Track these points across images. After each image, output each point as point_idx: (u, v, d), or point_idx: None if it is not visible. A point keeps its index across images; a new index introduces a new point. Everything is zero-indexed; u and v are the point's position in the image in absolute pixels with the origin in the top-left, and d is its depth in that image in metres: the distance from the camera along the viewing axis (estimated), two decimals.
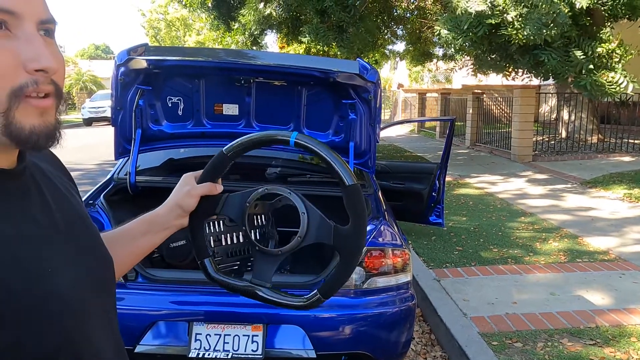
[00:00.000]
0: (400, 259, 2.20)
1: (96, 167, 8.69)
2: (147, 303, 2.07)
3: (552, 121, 11.98)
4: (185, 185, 0.88)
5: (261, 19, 9.21)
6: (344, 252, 0.89)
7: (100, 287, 0.64)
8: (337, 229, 0.89)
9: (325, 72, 2.37)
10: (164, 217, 0.87)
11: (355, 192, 0.86)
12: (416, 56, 13.19)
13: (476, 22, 6.02)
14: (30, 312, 0.52)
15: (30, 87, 0.53)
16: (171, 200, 0.88)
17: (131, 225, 0.87)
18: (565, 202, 6.05)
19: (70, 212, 0.65)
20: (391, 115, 23.65)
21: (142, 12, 33.80)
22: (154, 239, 0.87)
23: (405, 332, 2.18)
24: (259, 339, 2.04)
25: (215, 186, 0.89)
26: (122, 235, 0.86)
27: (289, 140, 0.88)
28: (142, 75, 2.38)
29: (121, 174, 2.66)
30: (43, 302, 0.54)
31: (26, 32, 0.53)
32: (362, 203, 0.87)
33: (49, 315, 0.54)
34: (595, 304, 3.16)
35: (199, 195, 0.87)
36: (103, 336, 0.62)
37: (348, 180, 0.86)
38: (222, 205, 0.92)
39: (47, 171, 0.67)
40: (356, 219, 0.87)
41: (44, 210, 0.60)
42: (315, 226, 0.90)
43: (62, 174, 0.72)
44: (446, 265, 3.88)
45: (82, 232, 0.65)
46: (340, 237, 0.88)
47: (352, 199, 0.87)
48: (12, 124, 0.52)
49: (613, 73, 6.11)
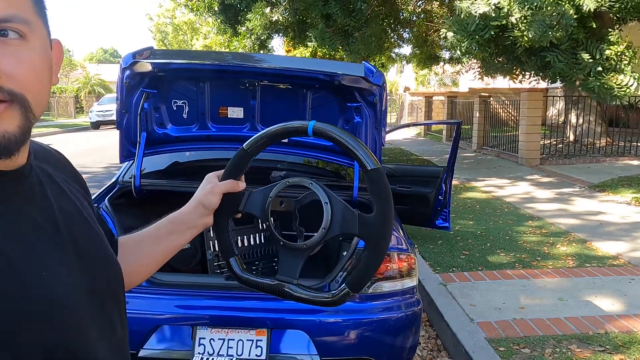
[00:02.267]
0: (406, 264, 2.18)
1: (103, 170, 8.73)
2: (151, 307, 2.06)
3: (560, 124, 11.91)
4: (207, 184, 0.88)
5: (268, 24, 9.24)
6: (371, 240, 0.84)
7: (102, 293, 0.63)
8: (363, 217, 0.85)
9: (330, 75, 2.36)
10: (188, 216, 0.87)
11: (378, 175, 0.82)
12: (422, 59, 13.15)
13: (482, 25, 5.99)
14: (24, 316, 0.52)
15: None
16: (194, 199, 0.88)
17: (156, 225, 0.87)
18: (573, 206, 5.99)
19: (76, 218, 0.64)
20: (397, 118, 23.62)
21: (149, 16, 34.06)
22: (179, 239, 0.87)
23: (411, 337, 2.16)
24: (263, 343, 2.02)
25: (238, 183, 0.89)
26: (148, 236, 0.86)
27: (306, 130, 0.86)
28: (147, 79, 2.38)
29: (126, 177, 2.66)
30: (38, 306, 0.53)
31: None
32: (386, 187, 0.82)
33: (44, 319, 0.53)
34: (605, 310, 3.12)
35: (221, 193, 0.87)
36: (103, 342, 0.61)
37: (370, 164, 0.82)
38: (245, 202, 0.91)
39: (54, 175, 0.66)
40: (381, 205, 0.82)
41: (46, 213, 0.60)
42: (339, 216, 0.87)
43: (71, 178, 0.71)
44: (453, 270, 3.84)
45: (85, 237, 0.64)
46: (366, 226, 0.84)
47: (375, 184, 0.82)
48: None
49: (622, 75, 6.05)
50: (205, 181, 0.89)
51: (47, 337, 0.54)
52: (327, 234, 0.87)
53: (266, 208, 0.90)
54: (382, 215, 0.83)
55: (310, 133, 0.86)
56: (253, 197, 0.91)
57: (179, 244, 0.88)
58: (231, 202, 0.89)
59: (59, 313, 0.55)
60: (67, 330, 0.56)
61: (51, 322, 0.54)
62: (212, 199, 0.87)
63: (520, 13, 5.64)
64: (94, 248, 0.65)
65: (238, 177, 0.90)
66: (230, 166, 0.91)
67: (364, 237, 0.86)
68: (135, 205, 2.56)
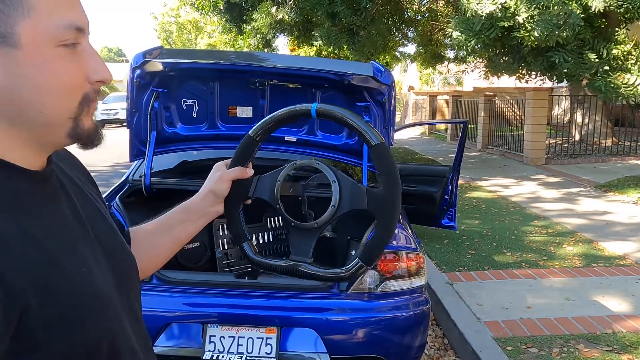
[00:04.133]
0: (415, 263, 2.19)
1: (109, 169, 8.76)
2: (161, 304, 2.08)
3: (565, 124, 11.86)
4: (216, 172, 0.90)
5: (273, 23, 9.24)
6: (381, 215, 0.85)
7: (125, 285, 0.66)
8: (371, 192, 0.86)
9: (339, 75, 2.36)
10: (199, 204, 0.89)
11: (383, 150, 0.84)
12: (427, 58, 13.13)
13: (488, 24, 5.98)
14: (72, 311, 0.53)
15: (92, 96, 0.58)
16: (204, 188, 0.90)
17: (168, 215, 0.89)
18: (579, 206, 5.98)
19: (93, 213, 0.66)
20: (402, 117, 23.59)
21: (154, 15, 34.11)
22: (191, 227, 0.89)
23: (419, 336, 2.17)
24: (273, 341, 2.03)
25: (246, 170, 0.91)
26: (160, 225, 0.88)
27: (310, 112, 0.89)
28: (157, 78, 2.40)
29: (136, 176, 2.68)
30: (83, 300, 0.55)
31: (85, 45, 0.57)
32: (392, 161, 0.84)
33: (90, 312, 0.56)
34: (612, 310, 3.12)
35: (230, 180, 0.89)
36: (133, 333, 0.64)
37: (374, 140, 0.84)
38: (254, 188, 0.93)
39: (70, 173, 0.68)
40: (388, 179, 0.84)
41: (72, 210, 0.61)
42: (347, 193, 0.88)
43: (83, 175, 0.73)
44: (459, 269, 3.85)
45: (104, 232, 0.66)
46: (375, 200, 0.85)
47: (380, 159, 0.84)
48: (78, 128, 0.58)
49: (629, 75, 6.03)
50: (214, 170, 0.91)
51: (93, 330, 0.56)
52: (337, 211, 0.88)
53: (275, 192, 0.92)
54: (390, 188, 0.84)
55: (314, 115, 0.88)
56: (262, 183, 0.93)
57: (191, 232, 0.89)
58: (241, 189, 0.91)
59: (103, 307, 0.58)
60: (110, 323, 0.59)
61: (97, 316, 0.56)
62: (222, 187, 0.89)
63: (527, 13, 5.63)
64: (115, 244, 0.68)
65: (246, 164, 0.92)
66: (238, 153, 0.93)
67: (373, 212, 0.86)
68: (146, 204, 2.57)
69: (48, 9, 0.53)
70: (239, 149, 0.93)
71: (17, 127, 0.55)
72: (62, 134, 0.57)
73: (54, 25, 0.53)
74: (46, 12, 0.53)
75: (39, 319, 0.50)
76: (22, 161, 0.56)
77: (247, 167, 0.92)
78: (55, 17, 0.53)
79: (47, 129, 0.56)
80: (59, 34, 0.54)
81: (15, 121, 0.55)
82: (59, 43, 0.54)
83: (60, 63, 0.54)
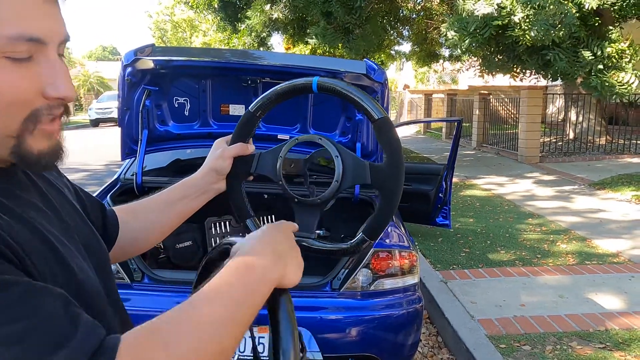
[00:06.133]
0: (408, 261, 2.18)
1: (103, 168, 8.72)
2: (153, 304, 2.06)
3: (560, 122, 11.91)
4: (217, 149, 0.88)
5: (267, 21, 9.22)
6: (384, 189, 0.85)
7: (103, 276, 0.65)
8: (374, 166, 0.86)
9: (332, 73, 2.35)
10: (200, 181, 0.87)
11: (385, 124, 0.83)
12: (422, 57, 13.15)
13: (482, 24, 5.99)
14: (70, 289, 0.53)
15: (44, 113, 0.53)
16: (206, 165, 0.89)
17: (167, 191, 0.88)
18: (573, 204, 6.00)
19: (65, 205, 0.65)
20: (397, 116, 23.61)
21: (148, 13, 34.01)
22: (191, 204, 0.87)
23: (413, 334, 2.16)
24: (265, 340, 2.02)
25: (247, 146, 0.89)
26: (159, 201, 0.87)
27: (311, 86, 0.87)
28: (149, 76, 2.38)
29: (128, 175, 2.66)
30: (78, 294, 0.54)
31: (48, 57, 0.52)
32: (395, 135, 0.83)
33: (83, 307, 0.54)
34: (605, 307, 3.13)
35: (231, 157, 0.87)
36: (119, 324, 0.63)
37: (377, 114, 0.83)
38: (255, 164, 0.91)
39: None
40: (391, 152, 0.83)
41: (48, 204, 0.60)
42: (350, 168, 0.87)
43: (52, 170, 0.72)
44: (453, 267, 3.85)
45: (79, 224, 0.65)
46: (378, 174, 0.85)
47: (383, 133, 0.83)
48: (22, 148, 0.52)
49: (623, 73, 6.05)
50: (215, 147, 0.89)
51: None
52: (340, 186, 0.88)
53: (278, 168, 0.91)
54: (393, 162, 0.83)
55: (315, 89, 0.87)
56: (264, 159, 0.92)
57: (191, 209, 0.88)
58: (242, 166, 0.90)
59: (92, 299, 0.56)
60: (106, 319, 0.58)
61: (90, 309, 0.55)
62: (223, 164, 0.87)
63: (523, 12, 5.64)
64: (88, 233, 0.66)
65: (247, 140, 0.90)
66: (238, 129, 0.91)
67: (376, 186, 0.86)
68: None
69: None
70: (239, 125, 0.91)
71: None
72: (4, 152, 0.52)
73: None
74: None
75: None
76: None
77: (248, 143, 0.90)
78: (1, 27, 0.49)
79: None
80: (4, 45, 0.49)
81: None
82: (5, 55, 0.49)
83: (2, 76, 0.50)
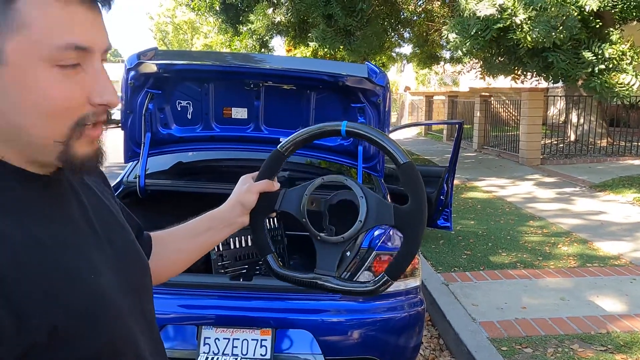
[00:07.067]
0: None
1: (105, 170, 8.68)
2: (156, 306, 2.06)
3: (561, 124, 11.90)
4: (244, 184, 0.92)
5: (270, 25, 9.23)
6: (407, 230, 0.89)
7: (137, 291, 0.65)
8: (398, 208, 0.90)
9: (334, 76, 2.36)
10: (226, 214, 0.90)
11: (410, 168, 0.88)
12: (423, 59, 13.15)
13: (484, 26, 6.00)
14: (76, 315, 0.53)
15: (90, 119, 0.55)
16: (232, 199, 0.91)
17: (194, 222, 0.90)
18: (574, 206, 6.00)
19: (107, 217, 0.66)
20: (398, 118, 23.62)
21: (150, 15, 34.07)
22: (216, 236, 0.90)
23: (414, 337, 2.17)
24: (268, 343, 2.03)
25: (273, 183, 0.92)
26: (186, 231, 0.89)
27: (340, 130, 0.91)
28: (152, 79, 2.39)
29: (130, 178, 2.67)
30: (88, 305, 0.55)
31: (94, 65, 0.55)
32: (419, 179, 0.88)
33: (94, 318, 0.55)
34: (606, 310, 3.13)
35: (258, 192, 0.90)
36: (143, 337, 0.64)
37: (402, 159, 0.88)
38: (280, 201, 0.94)
39: None
40: (415, 196, 0.88)
41: (83, 215, 0.61)
42: (374, 209, 0.91)
43: (98, 178, 0.73)
44: (454, 270, 3.85)
45: (119, 236, 0.66)
46: (402, 216, 0.89)
47: (408, 177, 0.88)
48: (69, 153, 0.55)
49: (624, 75, 6.06)
50: (241, 182, 0.93)
51: (97, 334, 0.55)
52: (364, 226, 0.91)
53: (302, 206, 0.94)
54: (417, 205, 0.88)
55: (344, 133, 0.91)
56: (288, 196, 0.95)
57: (215, 241, 0.91)
58: (267, 201, 0.93)
59: (106, 311, 0.57)
60: (115, 327, 0.58)
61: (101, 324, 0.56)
62: (250, 198, 0.90)
63: (525, 14, 5.65)
64: (127, 247, 0.67)
65: (272, 178, 0.94)
66: (266, 167, 0.94)
67: (399, 228, 0.90)
68: (140, 205, 2.56)
69: (44, 28, 0.50)
70: (267, 162, 0.94)
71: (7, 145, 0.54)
72: (50, 156, 0.55)
73: (49, 45, 0.51)
74: (41, 31, 0.50)
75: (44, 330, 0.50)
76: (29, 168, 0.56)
77: (274, 180, 0.93)
78: (51, 37, 0.51)
79: (37, 149, 0.54)
80: (54, 54, 0.51)
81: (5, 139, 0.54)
82: (56, 63, 0.51)
83: (54, 84, 0.52)
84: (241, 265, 2.49)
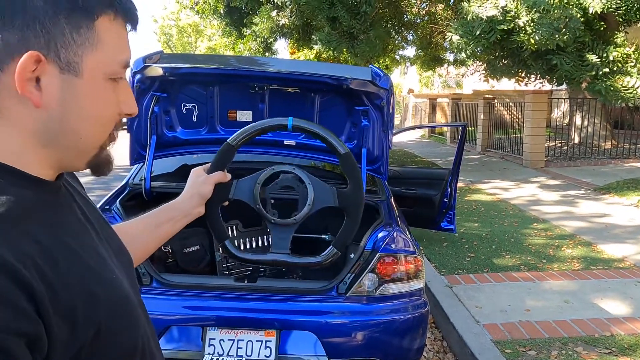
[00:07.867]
0: (413, 266, 2.20)
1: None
2: (161, 308, 2.09)
3: (565, 126, 11.88)
4: (199, 176, 0.99)
5: (274, 27, 9.27)
6: (349, 208, 1.05)
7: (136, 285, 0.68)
8: (339, 191, 1.07)
9: (338, 79, 2.38)
10: (185, 204, 0.96)
11: (348, 158, 1.06)
12: (427, 61, 13.14)
13: (488, 28, 6.00)
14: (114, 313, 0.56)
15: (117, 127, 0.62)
16: (189, 190, 0.97)
17: (155, 213, 0.94)
18: (578, 209, 5.99)
19: (97, 215, 0.68)
20: (401, 120, 23.62)
21: (154, 18, 34.21)
22: (175, 227, 0.95)
23: (418, 339, 2.18)
24: (272, 344, 2.04)
25: (225, 174, 1.00)
26: (149, 222, 0.93)
27: (287, 125, 1.05)
28: (157, 83, 2.41)
29: (136, 180, 2.69)
30: (120, 302, 0.57)
31: (124, 79, 0.61)
32: (356, 166, 1.07)
33: (127, 314, 0.58)
34: (611, 312, 3.13)
35: (213, 183, 0.98)
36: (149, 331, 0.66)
37: (341, 149, 1.06)
38: (233, 190, 1.04)
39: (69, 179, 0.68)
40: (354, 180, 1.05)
41: (84, 215, 0.63)
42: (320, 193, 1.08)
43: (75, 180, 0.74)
44: (458, 272, 3.86)
45: (111, 233, 0.68)
46: (343, 197, 1.06)
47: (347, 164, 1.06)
48: (100, 156, 0.61)
49: (629, 77, 6.05)
50: (196, 174, 1.00)
51: (132, 329, 0.58)
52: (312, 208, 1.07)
53: (255, 194, 1.07)
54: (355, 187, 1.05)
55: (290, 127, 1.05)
56: (240, 186, 1.06)
57: (174, 231, 0.96)
58: (221, 191, 1.01)
59: (135, 312, 0.60)
60: (139, 321, 0.61)
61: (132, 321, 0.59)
62: (207, 189, 0.97)
63: (528, 16, 5.65)
64: (119, 243, 0.69)
65: (224, 169, 1.02)
66: (218, 160, 1.04)
67: (342, 207, 1.06)
68: (146, 207, 2.58)
69: (113, 45, 0.56)
70: (219, 155, 1.04)
71: (48, 149, 0.56)
72: (85, 160, 0.59)
73: (114, 60, 0.57)
74: (111, 47, 0.56)
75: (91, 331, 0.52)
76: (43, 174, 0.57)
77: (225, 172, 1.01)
78: (117, 53, 0.57)
79: (78, 153, 0.58)
80: (115, 69, 0.57)
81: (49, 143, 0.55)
82: (111, 76, 0.57)
83: (107, 95, 0.58)
84: (246, 267, 2.50)
